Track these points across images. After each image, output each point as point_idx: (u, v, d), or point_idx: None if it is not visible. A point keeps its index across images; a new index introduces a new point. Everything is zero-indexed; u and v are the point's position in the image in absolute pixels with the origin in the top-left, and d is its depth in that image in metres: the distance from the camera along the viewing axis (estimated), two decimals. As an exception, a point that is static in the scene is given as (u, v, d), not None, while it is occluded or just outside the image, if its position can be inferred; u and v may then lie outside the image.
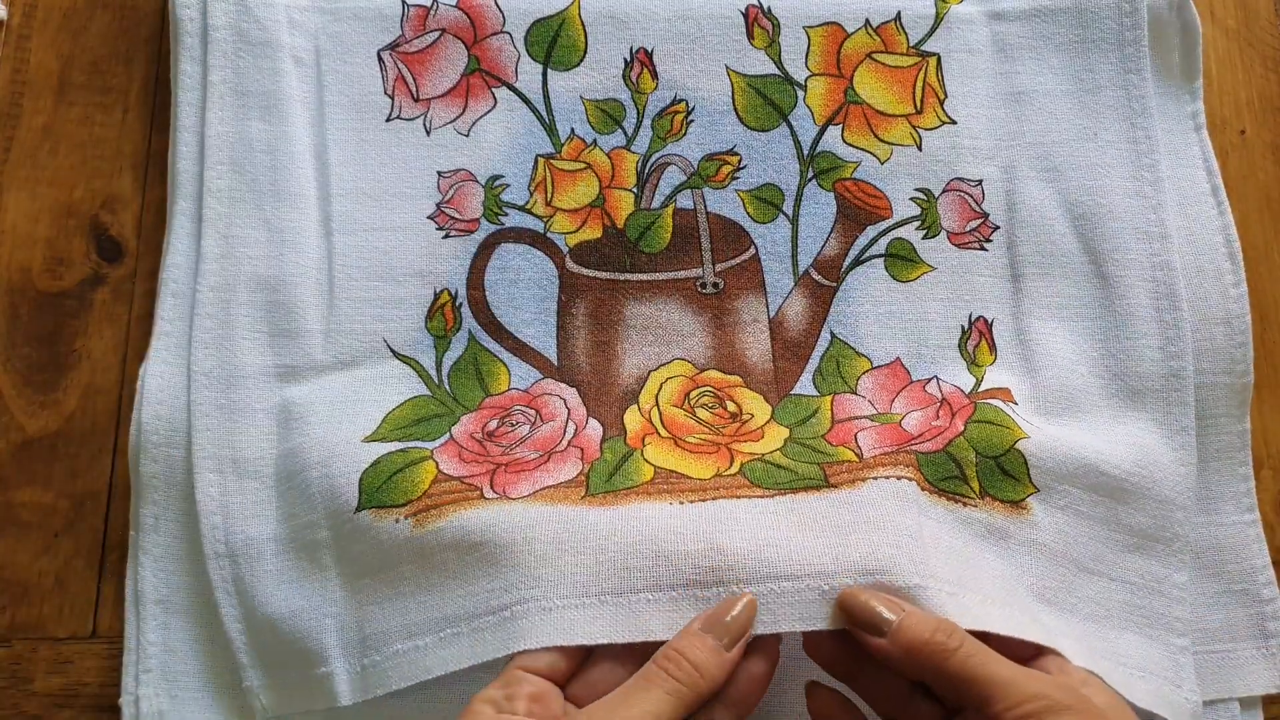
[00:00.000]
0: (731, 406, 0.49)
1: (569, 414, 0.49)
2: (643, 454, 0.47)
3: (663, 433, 0.48)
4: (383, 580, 0.44)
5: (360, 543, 0.45)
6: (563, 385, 0.50)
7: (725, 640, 0.38)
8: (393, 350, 0.50)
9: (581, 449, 0.48)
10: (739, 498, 0.44)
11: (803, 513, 0.43)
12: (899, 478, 0.44)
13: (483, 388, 0.50)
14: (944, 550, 0.42)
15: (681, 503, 0.44)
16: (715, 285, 0.51)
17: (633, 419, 0.49)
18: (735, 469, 0.46)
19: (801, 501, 0.43)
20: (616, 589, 0.40)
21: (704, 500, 0.44)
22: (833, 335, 0.51)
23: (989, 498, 0.45)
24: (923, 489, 0.44)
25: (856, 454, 0.46)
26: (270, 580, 0.46)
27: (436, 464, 0.46)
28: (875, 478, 0.44)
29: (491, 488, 0.45)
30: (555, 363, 0.51)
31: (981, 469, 0.46)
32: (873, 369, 0.50)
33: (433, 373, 0.50)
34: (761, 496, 0.44)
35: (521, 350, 0.51)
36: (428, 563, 0.43)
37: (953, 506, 0.44)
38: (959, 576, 0.41)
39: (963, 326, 0.51)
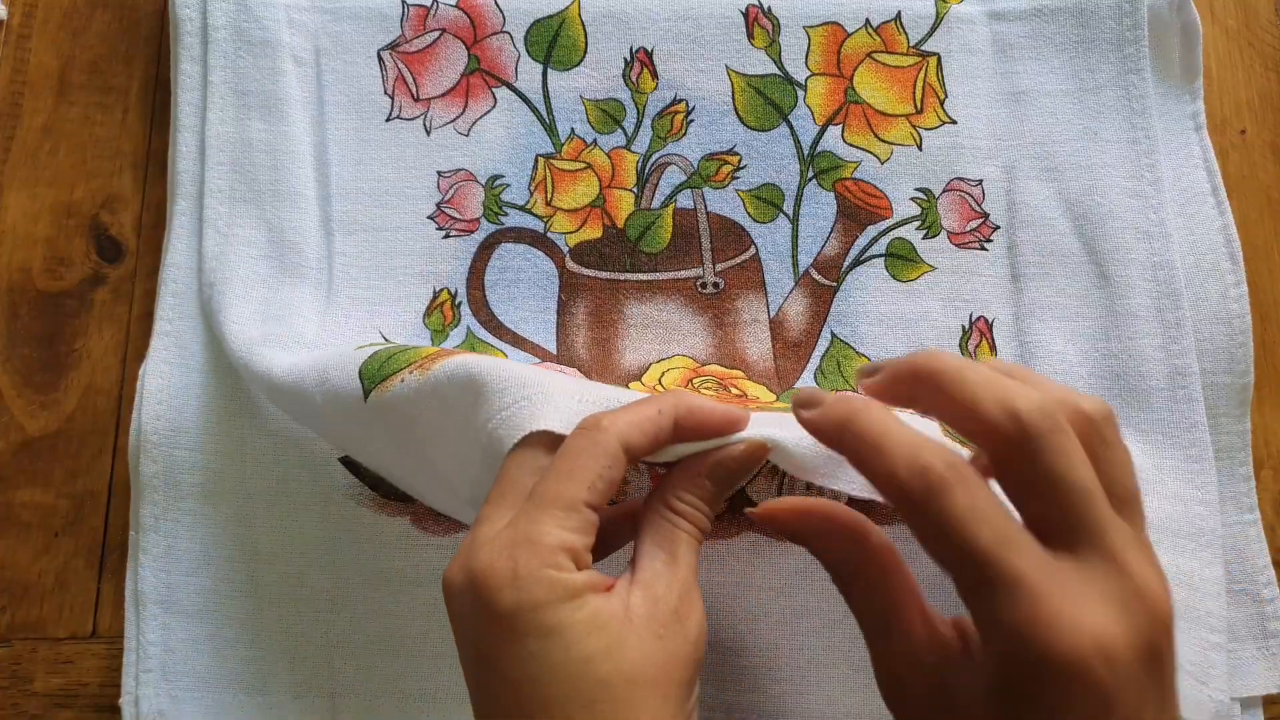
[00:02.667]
0: (735, 391, 0.49)
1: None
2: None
3: None
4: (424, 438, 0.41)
5: (381, 422, 0.42)
6: (563, 366, 0.50)
7: (728, 484, 0.36)
8: (385, 339, 0.50)
9: None
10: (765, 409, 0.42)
11: None
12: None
13: None
14: None
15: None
16: (715, 285, 0.51)
17: (637, 388, 0.49)
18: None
19: None
20: (614, 399, 0.38)
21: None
22: (833, 335, 0.51)
23: None
24: (947, 434, 0.43)
25: None
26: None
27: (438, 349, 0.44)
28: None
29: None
30: (555, 355, 0.51)
31: None
32: (873, 369, 0.50)
33: None
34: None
35: (520, 343, 0.51)
36: (444, 397, 0.40)
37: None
38: None
39: (963, 326, 0.51)
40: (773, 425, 0.37)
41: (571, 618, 0.31)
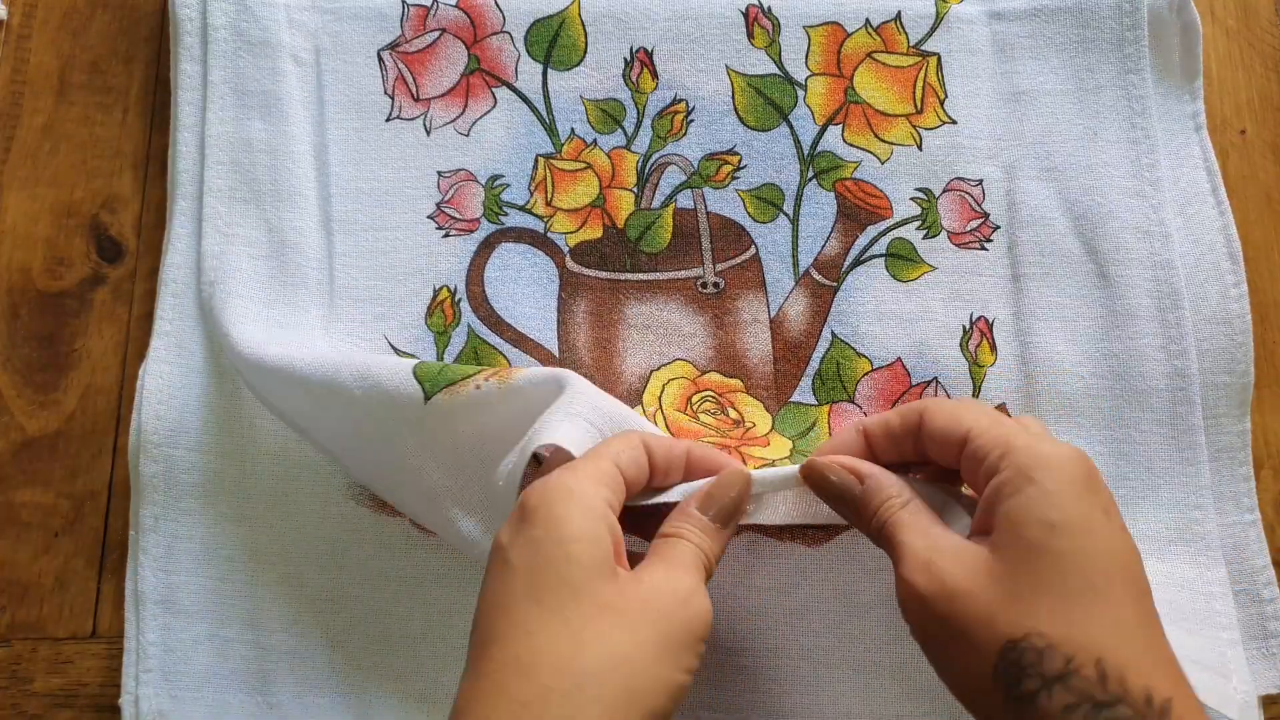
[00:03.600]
0: (733, 413, 0.49)
1: None
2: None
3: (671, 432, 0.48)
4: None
5: (438, 422, 0.43)
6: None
7: (721, 519, 0.39)
8: (393, 347, 0.50)
9: None
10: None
11: None
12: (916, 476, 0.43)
13: None
14: None
15: None
16: (716, 285, 0.51)
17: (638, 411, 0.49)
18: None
19: None
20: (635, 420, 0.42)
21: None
22: (833, 335, 0.51)
23: None
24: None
25: None
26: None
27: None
28: None
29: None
30: (556, 356, 0.51)
31: None
32: (873, 371, 0.50)
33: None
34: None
35: (522, 342, 0.51)
36: (528, 400, 0.42)
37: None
38: None
39: (964, 326, 0.51)
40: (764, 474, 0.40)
41: (588, 532, 0.35)
